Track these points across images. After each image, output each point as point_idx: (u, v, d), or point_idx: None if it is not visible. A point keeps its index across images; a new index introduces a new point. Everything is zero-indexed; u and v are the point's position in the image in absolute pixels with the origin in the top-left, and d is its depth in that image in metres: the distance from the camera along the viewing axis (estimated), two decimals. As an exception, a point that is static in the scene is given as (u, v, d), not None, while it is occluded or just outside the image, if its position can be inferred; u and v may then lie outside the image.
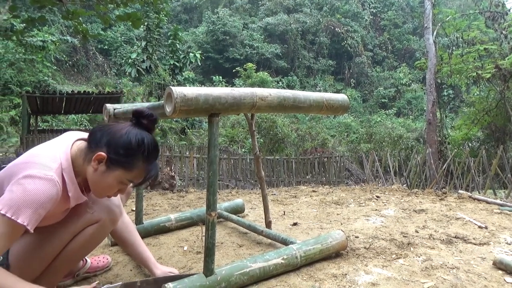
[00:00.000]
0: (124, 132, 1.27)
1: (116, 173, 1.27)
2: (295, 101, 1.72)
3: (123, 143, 1.26)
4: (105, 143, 1.26)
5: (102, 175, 1.27)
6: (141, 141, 1.27)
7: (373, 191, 3.92)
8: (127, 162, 1.27)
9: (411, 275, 1.70)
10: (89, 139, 1.31)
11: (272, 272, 1.67)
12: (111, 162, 1.26)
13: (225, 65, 30.71)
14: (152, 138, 1.32)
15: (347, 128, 22.72)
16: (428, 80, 11.71)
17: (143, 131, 1.31)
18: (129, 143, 1.26)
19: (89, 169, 1.28)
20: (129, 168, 1.28)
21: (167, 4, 6.39)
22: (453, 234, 2.30)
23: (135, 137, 1.27)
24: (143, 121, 1.32)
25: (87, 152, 1.29)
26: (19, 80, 15.62)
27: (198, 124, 20.56)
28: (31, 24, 4.82)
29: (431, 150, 9.78)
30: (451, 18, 12.67)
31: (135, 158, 1.28)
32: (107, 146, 1.26)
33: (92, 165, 1.26)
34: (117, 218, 1.52)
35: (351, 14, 35.98)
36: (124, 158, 1.26)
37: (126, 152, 1.26)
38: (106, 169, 1.26)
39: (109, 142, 1.26)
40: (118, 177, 1.28)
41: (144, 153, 1.28)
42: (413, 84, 31.18)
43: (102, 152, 1.25)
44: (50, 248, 1.38)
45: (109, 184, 1.29)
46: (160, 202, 3.46)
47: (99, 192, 1.35)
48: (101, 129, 1.30)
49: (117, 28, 26.00)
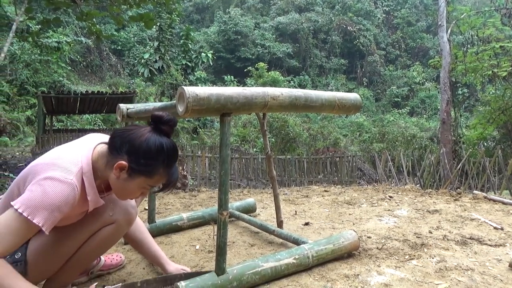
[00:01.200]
0: (143, 140, 1.27)
1: (138, 180, 1.30)
2: (307, 101, 1.71)
3: (143, 152, 1.26)
4: (125, 151, 1.27)
5: (124, 182, 1.30)
6: (160, 148, 1.28)
7: (386, 191, 3.88)
8: (147, 170, 1.29)
9: (425, 276, 1.68)
10: (109, 145, 1.32)
11: (283, 272, 1.67)
12: (132, 170, 1.27)
13: (237, 65, 30.76)
14: (171, 143, 1.32)
15: (359, 128, 22.51)
16: (442, 79, 11.53)
17: (162, 136, 1.31)
18: (148, 151, 1.27)
19: (111, 176, 1.30)
20: (150, 175, 1.30)
21: (179, 4, 6.44)
22: (468, 235, 2.26)
23: (154, 145, 1.27)
24: (162, 127, 1.32)
25: (108, 158, 1.31)
26: (35, 81, 15.90)
27: (210, 124, 20.64)
28: (46, 26, 4.90)
29: (445, 150, 9.64)
30: (466, 16, 12.44)
31: (155, 166, 1.29)
32: (127, 155, 1.27)
33: (114, 173, 1.28)
34: (133, 219, 1.54)
35: (364, 13, 35.67)
36: (145, 167, 1.28)
37: (147, 161, 1.27)
38: (128, 176, 1.28)
39: (129, 151, 1.27)
40: (140, 184, 1.31)
41: (164, 160, 1.30)
42: (426, 83, 30.75)
43: (123, 161, 1.26)
44: (67, 247, 1.40)
45: (131, 190, 1.32)
46: (172, 201, 3.49)
47: (122, 197, 1.39)
48: (121, 135, 1.30)
49: (130, 29, 26.27)
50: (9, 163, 9.01)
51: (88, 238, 1.44)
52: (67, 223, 1.39)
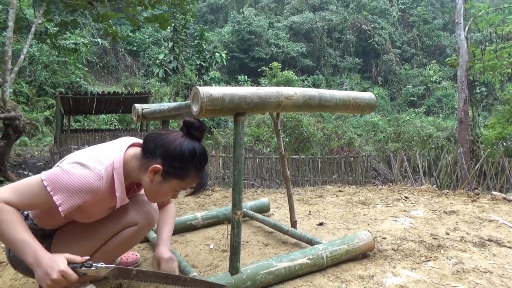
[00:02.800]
0: (177, 144, 1.32)
1: (171, 183, 1.34)
2: (321, 100, 1.70)
3: (177, 156, 1.31)
4: (159, 155, 1.31)
5: (158, 185, 1.34)
6: (193, 152, 1.33)
7: (401, 191, 3.83)
8: (181, 173, 1.34)
9: (441, 278, 1.65)
10: (143, 148, 1.36)
11: (297, 272, 1.66)
12: (166, 173, 1.32)
13: (251, 65, 30.77)
14: (202, 148, 1.37)
15: (374, 127, 22.27)
16: (460, 77, 11.31)
17: (194, 141, 1.35)
18: (183, 155, 1.31)
19: (145, 178, 1.34)
20: (183, 178, 1.35)
21: (193, 5, 6.48)
22: (486, 237, 2.22)
23: (188, 149, 1.32)
24: (194, 132, 1.36)
25: (142, 160, 1.35)
26: (53, 82, 16.22)
27: (224, 124, 20.71)
28: (64, 27, 5.01)
29: (462, 150, 9.46)
30: (484, 13, 12.18)
31: (188, 169, 1.34)
32: (162, 158, 1.31)
33: (148, 176, 1.32)
34: (154, 222, 1.56)
35: (379, 11, 35.25)
36: (179, 170, 1.33)
37: (181, 165, 1.32)
38: (162, 179, 1.33)
39: (164, 154, 1.31)
40: (173, 186, 1.36)
41: (197, 163, 1.34)
42: (443, 81, 30.23)
43: (158, 165, 1.30)
44: (89, 244, 1.43)
45: (164, 192, 1.37)
46: (186, 201, 3.51)
47: (154, 199, 1.43)
48: (155, 139, 1.35)
49: (145, 30, 26.54)
50: (29, 162, 9.22)
51: (109, 238, 1.46)
52: (92, 219, 1.41)
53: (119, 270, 1.29)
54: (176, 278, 1.40)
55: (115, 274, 1.28)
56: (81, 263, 1.22)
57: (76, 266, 1.21)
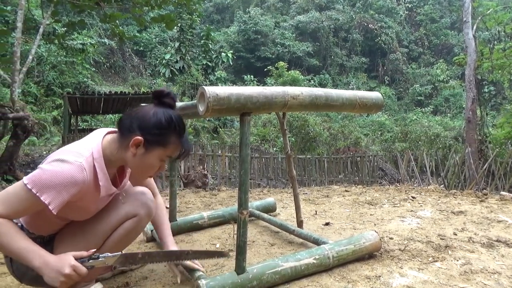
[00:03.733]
0: (152, 114, 1.34)
1: (155, 152, 1.34)
2: (327, 100, 1.70)
3: (154, 124, 1.32)
4: (137, 127, 1.32)
5: (142, 158, 1.34)
6: (170, 118, 1.34)
7: (409, 191, 3.81)
8: (163, 140, 1.34)
9: (449, 279, 1.64)
10: (119, 128, 1.37)
11: (303, 272, 1.66)
12: (148, 143, 1.32)
13: (257, 64, 30.77)
14: (177, 114, 1.38)
15: (381, 127, 22.15)
16: (468, 77, 11.21)
17: (167, 109, 1.37)
18: (160, 122, 1.33)
19: (127, 155, 1.34)
20: (166, 145, 1.35)
21: (199, 5, 6.49)
22: (494, 238, 2.20)
23: (164, 116, 1.34)
24: (165, 100, 1.38)
25: (121, 141, 1.35)
26: (60, 82, 16.34)
27: (230, 123, 20.73)
28: (71, 28, 5.04)
29: (470, 150, 9.37)
30: (492, 11, 12.06)
31: (168, 134, 1.34)
32: (140, 130, 1.32)
33: (130, 151, 1.33)
34: (152, 212, 1.57)
35: (385, 10, 35.05)
36: (160, 137, 1.33)
37: (160, 131, 1.33)
38: (145, 151, 1.33)
39: (141, 126, 1.32)
40: (158, 155, 1.36)
41: (176, 128, 1.35)
42: (451, 80, 29.98)
43: (138, 136, 1.31)
44: (92, 242, 1.43)
45: (150, 164, 1.36)
46: (193, 200, 3.53)
47: (141, 174, 1.44)
48: (129, 116, 1.36)
49: (151, 30, 26.65)
50: (37, 161, 9.31)
51: (111, 232, 1.46)
52: (88, 214, 1.42)
53: (125, 256, 1.31)
54: (179, 253, 1.48)
55: (122, 261, 1.30)
56: (88, 256, 1.24)
57: (83, 260, 1.22)
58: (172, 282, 1.69)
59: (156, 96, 1.39)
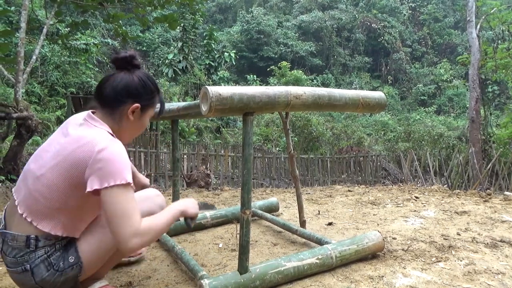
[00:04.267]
0: (135, 80, 1.39)
1: (149, 112, 1.47)
2: (330, 99, 1.69)
3: (144, 87, 1.41)
4: (126, 97, 1.38)
5: (139, 121, 1.44)
6: (152, 79, 1.45)
7: (412, 191, 3.80)
8: (153, 101, 1.47)
9: (453, 279, 1.64)
10: (106, 105, 1.39)
11: (306, 271, 1.66)
12: (143, 107, 1.42)
13: (260, 64, 30.75)
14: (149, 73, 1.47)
15: (384, 127, 22.07)
16: (471, 76, 11.15)
17: (139, 70, 1.44)
18: (147, 85, 1.42)
19: (125, 123, 1.41)
20: (154, 104, 1.48)
21: (202, 5, 6.49)
22: (498, 238, 2.19)
23: (148, 80, 1.43)
24: (134, 62, 1.43)
25: (112, 114, 1.39)
26: (64, 82, 16.39)
27: (233, 123, 20.73)
28: (75, 28, 5.05)
29: (474, 149, 9.33)
30: (496, 10, 11.99)
31: (154, 93, 1.46)
32: (134, 98, 1.39)
33: (127, 118, 1.39)
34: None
35: (389, 9, 34.95)
36: (152, 99, 1.45)
37: (152, 95, 1.44)
38: (142, 114, 1.43)
39: (132, 94, 1.38)
40: (150, 115, 1.48)
41: (155, 85, 1.47)
42: (454, 80, 29.81)
43: (136, 104, 1.39)
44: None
45: (144, 124, 1.48)
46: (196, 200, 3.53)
47: (132, 135, 1.51)
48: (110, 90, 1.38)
49: (154, 30, 26.67)
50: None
51: None
52: None
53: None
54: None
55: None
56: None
57: None
58: (175, 282, 1.69)
59: (127, 62, 1.42)
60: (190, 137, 16.83)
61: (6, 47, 4.53)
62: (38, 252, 1.28)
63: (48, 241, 1.30)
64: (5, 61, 4.72)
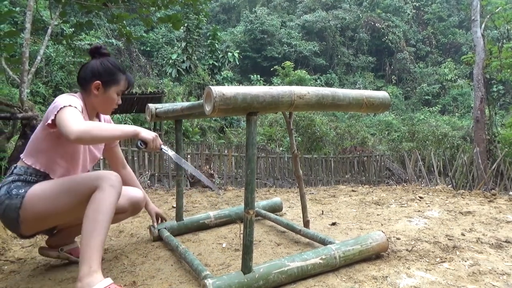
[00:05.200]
0: (99, 63, 1.79)
1: (112, 89, 1.81)
2: (334, 99, 1.69)
3: (104, 69, 1.79)
4: (92, 76, 1.77)
5: (103, 95, 1.80)
6: (113, 63, 1.82)
7: (416, 191, 3.79)
8: (114, 79, 1.81)
9: (457, 280, 1.63)
10: (80, 84, 1.81)
11: (310, 272, 1.66)
12: (104, 84, 1.78)
13: (263, 64, 30.75)
14: (114, 59, 1.86)
15: (388, 126, 22.00)
16: (476, 76, 11.10)
17: (106, 57, 1.83)
18: (108, 67, 1.80)
19: (94, 99, 1.79)
20: (118, 82, 1.82)
21: (206, 5, 6.49)
22: (503, 238, 2.17)
23: (108, 62, 1.81)
24: (102, 51, 1.84)
25: (84, 91, 1.81)
26: (68, 82, 16.45)
27: (236, 123, 20.74)
28: (79, 29, 5.06)
29: (479, 149, 9.29)
30: (501, 9, 11.92)
31: (116, 73, 1.81)
32: (96, 77, 1.77)
33: (93, 93, 1.78)
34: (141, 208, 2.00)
35: (392, 9, 34.82)
36: (112, 77, 1.80)
37: (110, 73, 1.80)
38: (104, 90, 1.79)
39: (95, 74, 1.78)
40: (114, 90, 1.82)
41: (119, 68, 1.83)
42: (459, 80, 29.67)
43: (97, 81, 1.76)
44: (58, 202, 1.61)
45: (110, 98, 1.82)
46: (199, 200, 3.54)
47: (105, 109, 1.85)
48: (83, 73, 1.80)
49: (158, 30, 26.74)
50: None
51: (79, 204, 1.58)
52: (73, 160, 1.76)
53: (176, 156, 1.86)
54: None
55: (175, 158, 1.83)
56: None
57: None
58: (179, 281, 1.70)
59: (95, 51, 1.83)
60: (193, 137, 16.86)
61: (11, 48, 4.55)
62: (10, 177, 1.64)
63: (20, 170, 1.66)
64: (10, 62, 4.74)
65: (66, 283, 1.73)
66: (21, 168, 1.67)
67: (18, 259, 2.05)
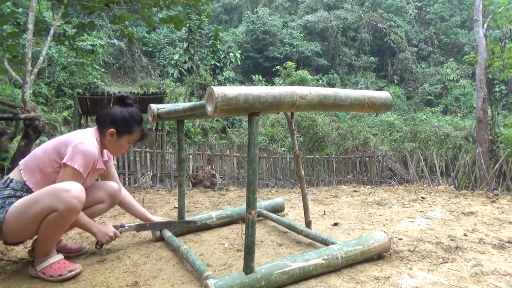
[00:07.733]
0: (119, 112, 1.95)
1: (124, 138, 1.98)
2: (336, 99, 1.69)
3: (122, 119, 1.94)
4: (109, 122, 1.94)
5: (116, 142, 1.98)
6: (131, 114, 1.97)
7: (418, 191, 3.78)
8: (129, 129, 1.97)
9: (459, 280, 1.63)
10: (98, 124, 1.96)
11: (312, 272, 1.66)
12: (119, 132, 1.95)
13: (265, 64, 30.74)
14: (136, 110, 2.00)
15: (390, 127, 21.96)
16: (478, 76, 11.06)
17: (128, 107, 1.99)
18: (125, 117, 1.95)
19: (106, 142, 1.96)
20: (132, 132, 1.99)
21: (208, 5, 6.50)
22: (506, 239, 2.17)
23: (127, 112, 1.96)
24: (126, 101, 2.00)
25: (100, 133, 1.96)
26: (71, 83, 16.50)
27: (238, 123, 20.75)
28: (81, 29, 5.07)
29: (481, 150, 9.26)
30: (504, 9, 11.87)
31: (132, 125, 1.97)
32: (113, 124, 1.93)
33: (107, 139, 1.95)
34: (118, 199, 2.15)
35: (394, 9, 34.76)
36: (126, 128, 1.96)
37: (126, 124, 1.96)
38: (118, 138, 1.96)
39: (113, 121, 1.94)
40: (126, 139, 1.99)
41: (136, 120, 1.98)
42: (461, 80, 29.59)
43: (112, 129, 1.92)
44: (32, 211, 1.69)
45: (122, 146, 2.00)
46: (201, 200, 3.54)
47: (115, 152, 2.05)
48: (103, 116, 1.96)
49: (160, 31, 26.77)
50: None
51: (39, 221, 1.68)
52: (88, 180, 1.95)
53: (139, 225, 2.16)
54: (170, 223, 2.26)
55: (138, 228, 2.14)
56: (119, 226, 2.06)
57: (117, 228, 2.04)
58: (181, 282, 1.70)
59: (120, 100, 1.99)
60: (195, 138, 16.87)
61: (14, 49, 4.57)
62: (6, 191, 1.73)
63: (17, 186, 1.76)
64: (13, 62, 4.76)
65: (67, 283, 1.73)
66: (17, 183, 1.77)
67: (21, 259, 2.06)
